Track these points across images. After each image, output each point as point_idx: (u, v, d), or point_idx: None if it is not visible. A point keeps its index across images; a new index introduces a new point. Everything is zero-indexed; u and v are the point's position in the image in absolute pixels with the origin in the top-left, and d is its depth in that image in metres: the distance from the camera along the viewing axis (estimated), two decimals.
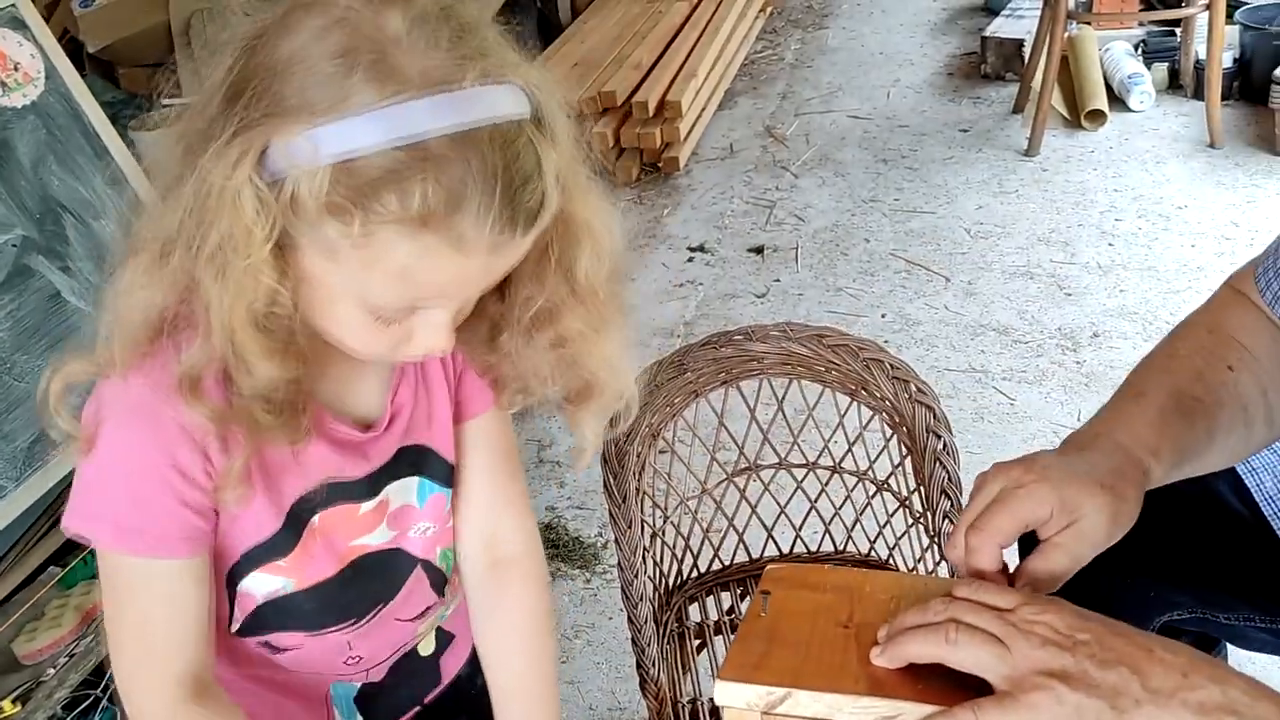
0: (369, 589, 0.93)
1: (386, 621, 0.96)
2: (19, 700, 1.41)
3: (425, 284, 0.72)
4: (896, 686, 0.71)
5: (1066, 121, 3.46)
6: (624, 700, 1.82)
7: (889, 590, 0.81)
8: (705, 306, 2.87)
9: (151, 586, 0.81)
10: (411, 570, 0.95)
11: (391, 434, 0.89)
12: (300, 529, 0.87)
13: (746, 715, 0.74)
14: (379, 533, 0.92)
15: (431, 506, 0.94)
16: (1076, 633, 0.68)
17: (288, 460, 0.83)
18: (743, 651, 0.76)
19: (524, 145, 0.69)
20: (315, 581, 0.90)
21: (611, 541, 2.15)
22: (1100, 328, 2.55)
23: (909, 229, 3.06)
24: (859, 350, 1.40)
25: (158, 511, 0.79)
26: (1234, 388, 0.90)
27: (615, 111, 3.52)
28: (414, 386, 0.91)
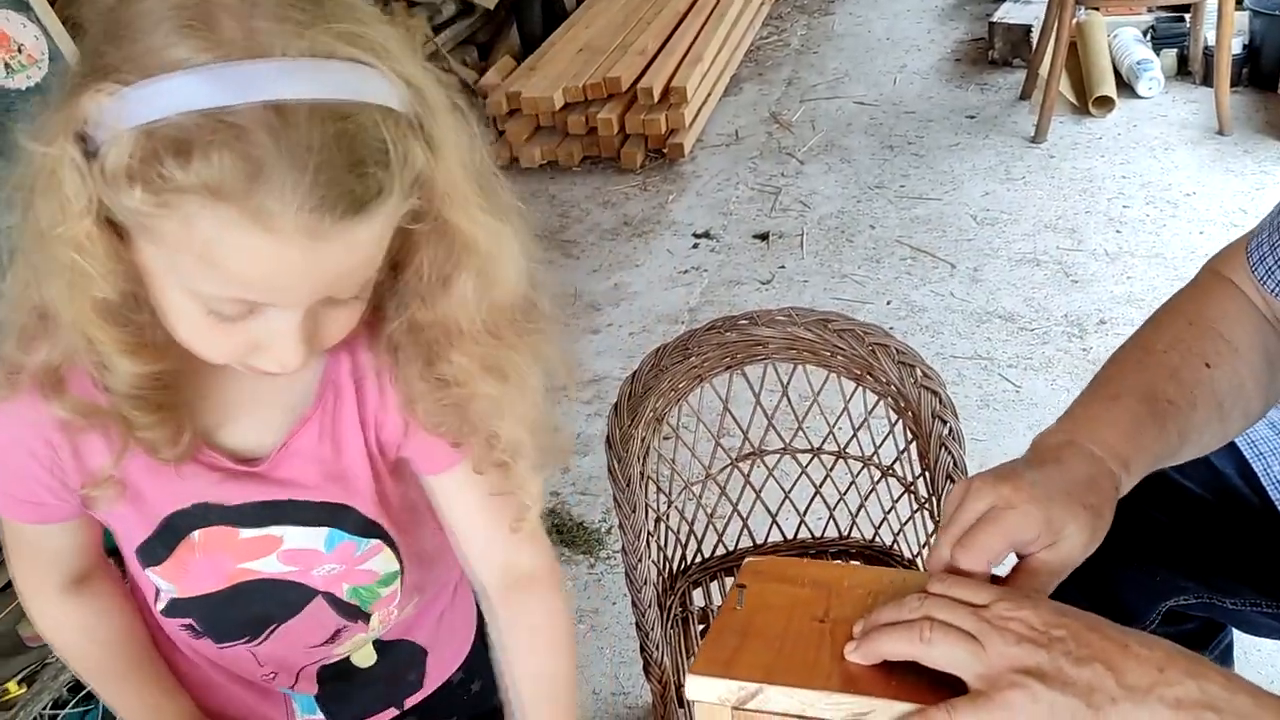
0: (258, 611, 0.91)
1: (288, 643, 0.94)
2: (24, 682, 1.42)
3: (240, 270, 0.65)
4: (870, 683, 0.70)
5: (1074, 108, 3.45)
6: (627, 685, 1.83)
7: (866, 585, 0.80)
8: (710, 293, 2.86)
9: (18, 533, 0.88)
10: (310, 600, 0.92)
11: (279, 477, 0.84)
12: (175, 540, 0.85)
13: (718, 710, 0.73)
14: (269, 562, 0.88)
15: (339, 552, 0.90)
16: (1052, 629, 0.67)
17: (157, 474, 0.81)
18: (716, 646, 0.74)
19: (364, 129, 0.64)
20: (197, 593, 0.89)
21: (615, 527, 2.15)
22: (1107, 315, 2.54)
23: (915, 216, 3.05)
24: (864, 335, 1.40)
25: (6, 478, 0.82)
26: (1210, 386, 0.87)
27: (620, 97, 3.51)
28: (320, 440, 0.84)
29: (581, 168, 3.56)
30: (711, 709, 0.72)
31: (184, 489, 0.83)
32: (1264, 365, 0.91)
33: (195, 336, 0.71)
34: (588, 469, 2.32)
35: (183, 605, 0.90)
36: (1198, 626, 1.16)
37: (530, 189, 3.49)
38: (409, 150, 0.66)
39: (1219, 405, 0.88)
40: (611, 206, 3.34)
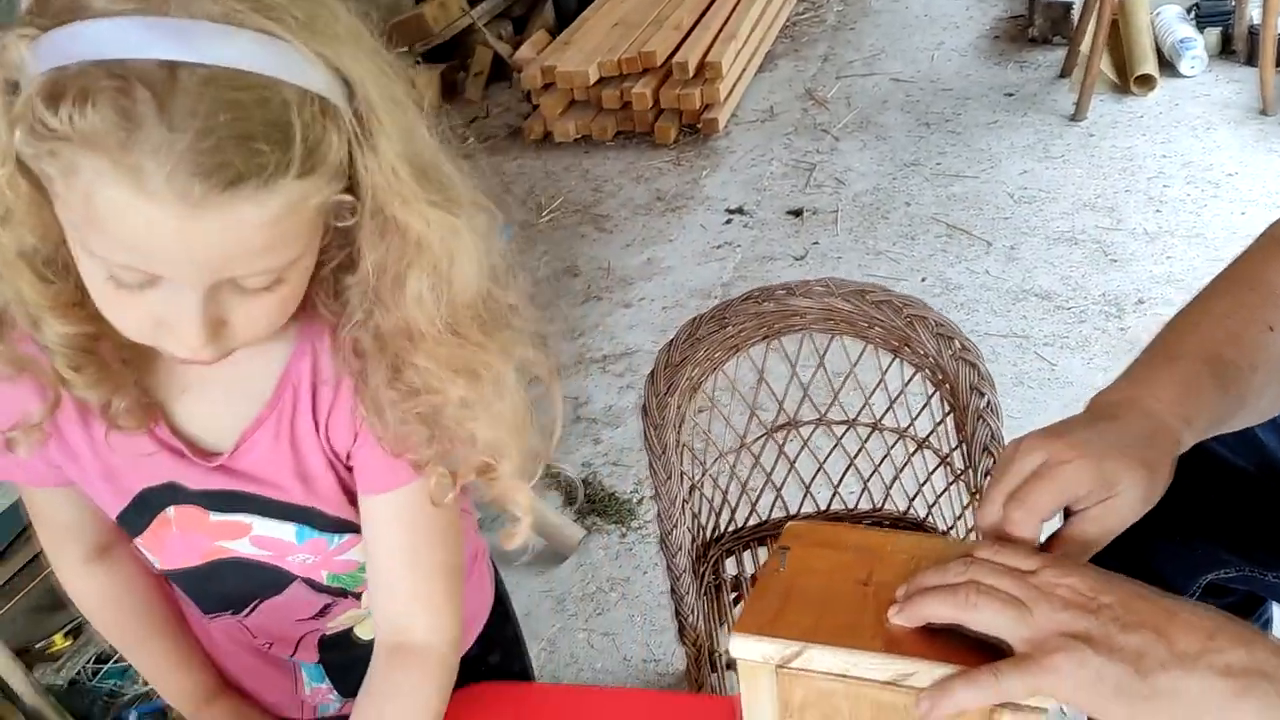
0: (237, 588, 0.92)
1: (276, 617, 0.95)
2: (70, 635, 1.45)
3: (119, 231, 0.63)
4: (913, 645, 0.70)
5: (1115, 86, 3.40)
6: (658, 652, 1.84)
7: (909, 551, 0.80)
8: (743, 268, 2.86)
9: (31, 498, 0.92)
10: (289, 582, 0.92)
11: (240, 470, 0.83)
12: (151, 515, 0.86)
13: (761, 669, 0.73)
14: (243, 545, 0.88)
15: (311, 546, 0.89)
16: (1100, 595, 0.66)
17: (130, 446, 0.81)
18: (759, 606, 0.74)
19: (264, 105, 0.61)
20: (177, 566, 0.91)
21: (646, 498, 2.16)
22: (1146, 294, 2.51)
23: (951, 193, 3.02)
24: (903, 307, 1.39)
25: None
26: (1271, 349, 0.86)
27: (655, 72, 3.50)
28: (276, 441, 0.83)
29: (615, 142, 3.56)
30: (755, 668, 0.73)
31: (153, 467, 0.84)
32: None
33: (103, 303, 0.69)
34: (620, 441, 2.33)
35: (167, 575, 0.93)
36: (1238, 600, 1.15)
37: (564, 164, 3.49)
38: (321, 137, 0.64)
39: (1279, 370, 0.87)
40: (645, 181, 3.34)
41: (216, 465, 0.83)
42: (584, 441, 2.34)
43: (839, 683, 0.71)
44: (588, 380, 2.52)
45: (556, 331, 2.70)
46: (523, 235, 3.06)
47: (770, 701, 0.74)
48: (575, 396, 2.48)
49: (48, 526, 0.94)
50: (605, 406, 2.44)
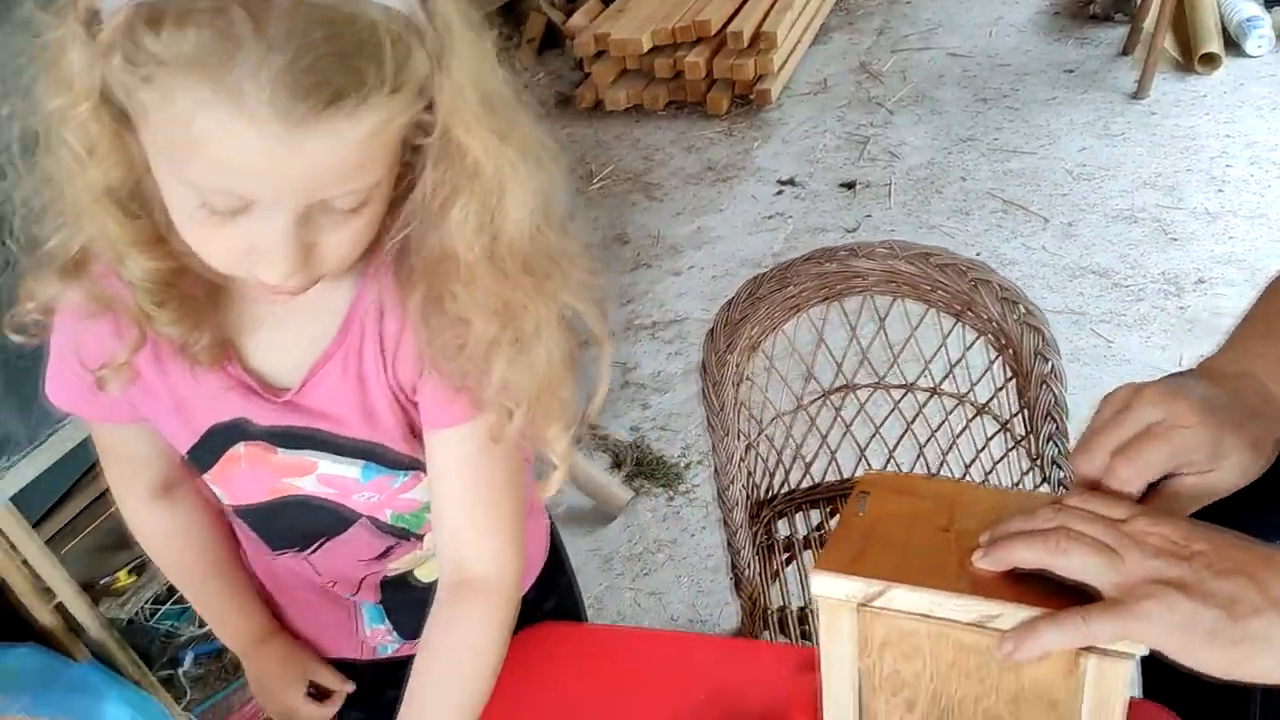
0: (303, 526, 0.93)
1: (339, 556, 0.96)
2: (133, 572, 1.48)
3: (218, 155, 0.63)
4: (999, 588, 0.69)
5: (1178, 65, 3.34)
6: (704, 613, 1.85)
7: (989, 501, 0.79)
8: (793, 239, 2.85)
9: (99, 432, 0.93)
10: (353, 522, 0.93)
11: (307, 407, 0.84)
12: (218, 453, 0.88)
13: (842, 608, 0.73)
14: (309, 483, 0.89)
15: (376, 484, 0.89)
16: (1192, 542, 0.66)
17: (202, 383, 0.82)
18: (840, 546, 0.74)
19: (355, 23, 0.61)
20: (244, 503, 0.92)
21: (694, 462, 2.17)
22: (1206, 274, 2.48)
23: (1007, 169, 2.99)
24: (967, 270, 1.38)
25: (67, 373, 0.85)
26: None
27: (709, 41, 3.48)
28: (344, 376, 0.83)
29: (666, 112, 3.54)
30: (837, 607, 0.73)
31: (223, 402, 0.84)
32: None
33: (192, 234, 0.70)
34: (668, 406, 2.34)
35: (234, 511, 0.94)
36: None
37: (614, 132, 3.49)
38: (408, 55, 0.64)
39: None
40: (696, 151, 3.32)
41: (285, 401, 0.84)
42: (632, 406, 2.35)
43: (921, 623, 0.71)
44: (636, 346, 2.53)
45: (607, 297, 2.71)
46: (573, 202, 3.06)
47: (850, 639, 0.74)
48: (624, 362, 2.48)
49: (116, 462, 0.95)
50: (654, 372, 2.44)
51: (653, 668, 1.04)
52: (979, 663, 0.72)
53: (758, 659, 1.05)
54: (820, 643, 0.76)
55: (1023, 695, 0.72)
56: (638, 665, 1.04)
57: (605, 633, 0.98)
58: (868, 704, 0.78)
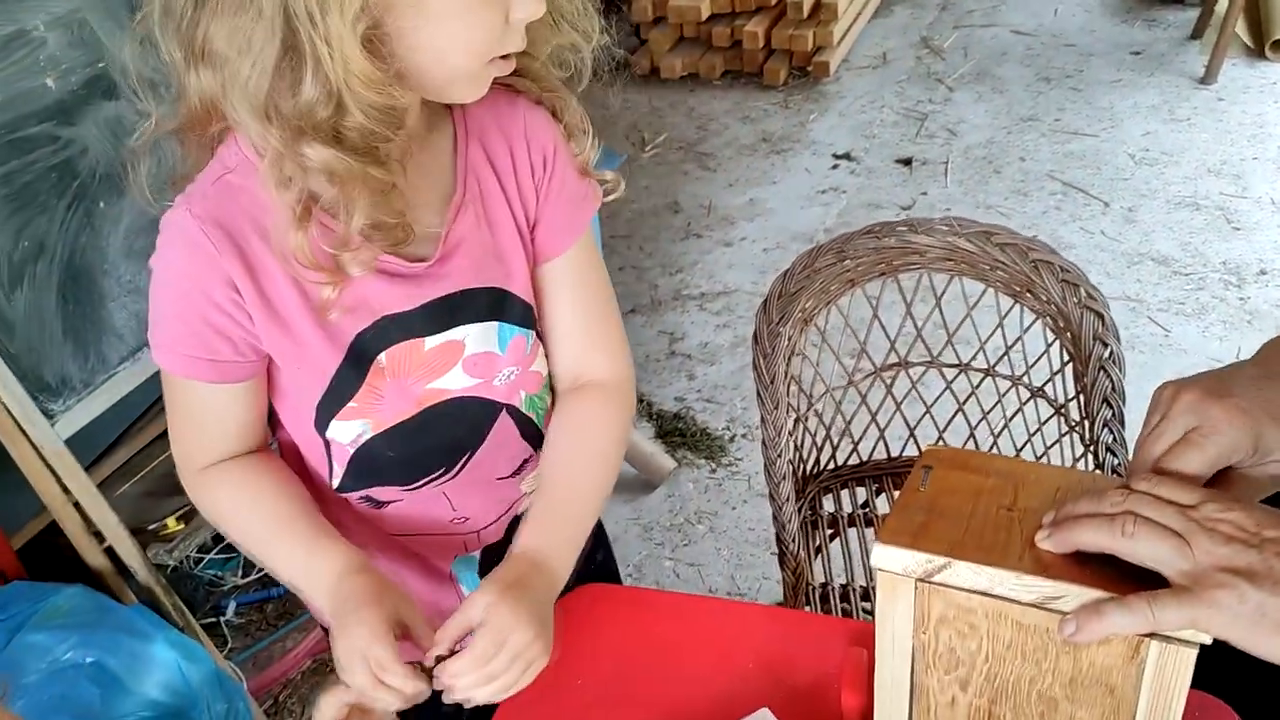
0: (450, 435, 0.92)
1: (482, 476, 0.96)
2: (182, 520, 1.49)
3: None
4: (1062, 569, 0.68)
5: (1249, 50, 3.25)
6: (743, 586, 1.85)
7: (1054, 481, 0.78)
8: (847, 214, 2.82)
9: (187, 399, 0.87)
10: (495, 417, 0.93)
11: (448, 269, 0.86)
12: (365, 367, 0.86)
13: (902, 582, 0.72)
14: (455, 377, 0.89)
15: (513, 350, 0.92)
16: (1265, 530, 0.64)
17: (345, 293, 0.82)
18: (902, 519, 0.74)
19: None
20: (391, 424, 0.89)
21: (739, 435, 2.16)
22: (1269, 265, 2.42)
23: (1068, 151, 2.93)
24: (1028, 250, 1.35)
25: (185, 334, 0.82)
26: None
27: (768, 11, 3.44)
28: (477, 223, 0.87)
29: (723, 81, 3.51)
30: (896, 580, 0.72)
31: (365, 304, 0.84)
32: None
33: (457, 26, 0.74)
34: (714, 378, 2.32)
35: (378, 443, 0.90)
36: None
37: (669, 100, 3.46)
38: None
39: None
40: (751, 122, 3.29)
41: (429, 267, 0.85)
42: (678, 376, 2.34)
43: (980, 600, 0.70)
44: (684, 316, 2.51)
45: (655, 265, 2.70)
46: (625, 169, 3.05)
47: (907, 613, 0.73)
48: (671, 332, 2.47)
49: (194, 430, 0.89)
50: (701, 343, 2.43)
51: (703, 633, 1.03)
52: (1037, 644, 0.71)
53: (808, 630, 1.05)
54: (876, 615, 0.76)
55: (1080, 679, 0.70)
56: (688, 630, 1.04)
57: (655, 596, 0.98)
58: (920, 681, 0.78)
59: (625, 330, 0.99)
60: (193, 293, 0.80)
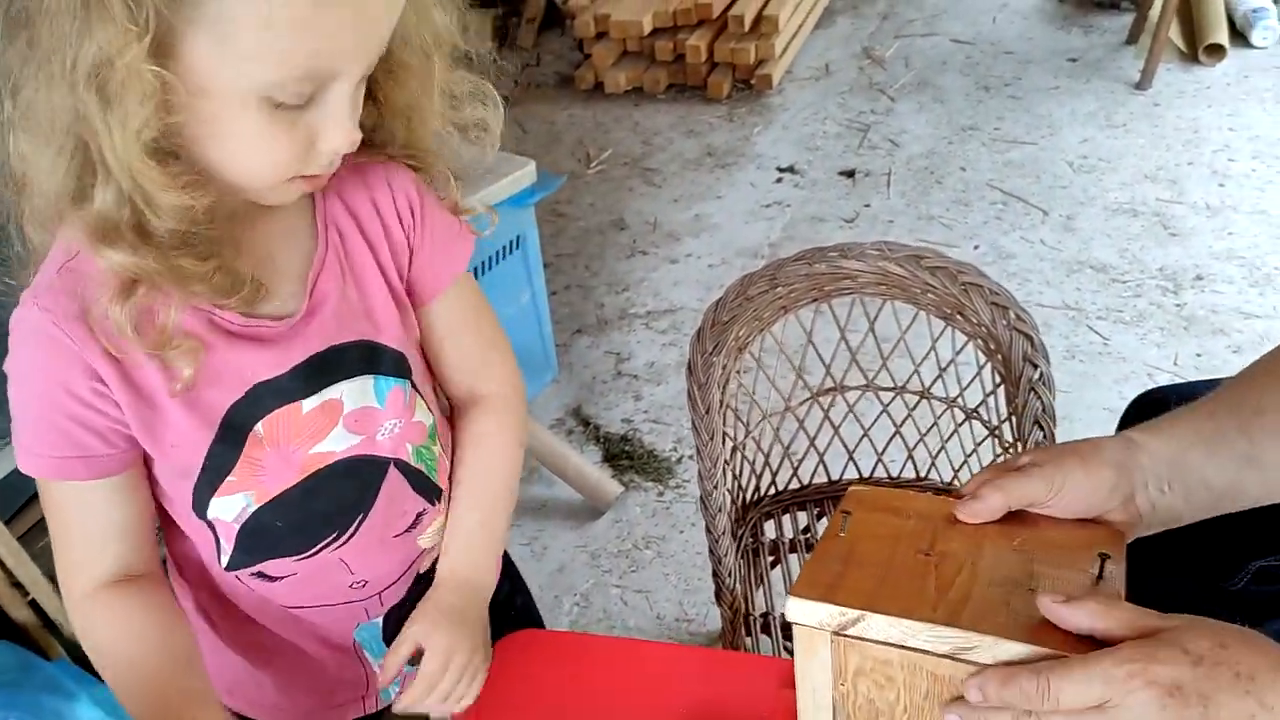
0: (339, 498, 0.90)
1: (377, 537, 0.93)
2: None
3: (327, 32, 0.67)
4: (975, 618, 0.68)
5: (1183, 55, 3.30)
6: (691, 611, 1.84)
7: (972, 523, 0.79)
8: (791, 229, 2.82)
9: (64, 504, 0.82)
10: (384, 473, 0.91)
11: (314, 325, 0.84)
12: (242, 439, 0.83)
13: (817, 636, 0.72)
14: (337, 437, 0.87)
15: (391, 403, 0.90)
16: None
17: (205, 370, 0.79)
18: (818, 570, 0.73)
19: None
20: (275, 494, 0.86)
21: (685, 457, 2.15)
22: (1205, 270, 2.45)
23: (1008, 159, 2.96)
24: (957, 274, 1.36)
25: (51, 434, 0.78)
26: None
27: (710, 24, 3.44)
28: (339, 278, 0.85)
29: (667, 95, 3.51)
30: (811, 634, 0.72)
31: (234, 375, 0.81)
32: None
33: (250, 147, 0.72)
34: (661, 398, 2.32)
35: (265, 514, 0.87)
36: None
37: (614, 115, 3.45)
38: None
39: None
40: (696, 136, 3.29)
41: (295, 324, 0.83)
42: (625, 398, 2.33)
43: (895, 652, 0.69)
44: (631, 336, 2.51)
45: (601, 284, 2.69)
46: (570, 185, 3.04)
47: (824, 666, 0.73)
48: (617, 352, 2.46)
49: (76, 541, 0.83)
50: (648, 363, 2.42)
51: (634, 679, 1.02)
52: (953, 693, 0.70)
53: (741, 671, 1.04)
54: (796, 669, 0.75)
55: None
56: (619, 676, 1.03)
57: (586, 641, 0.97)
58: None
59: (561, 351, 1.03)
60: (54, 391, 0.77)
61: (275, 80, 0.68)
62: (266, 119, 0.70)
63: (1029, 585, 0.72)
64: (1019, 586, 0.71)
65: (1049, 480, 0.77)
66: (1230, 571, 1.10)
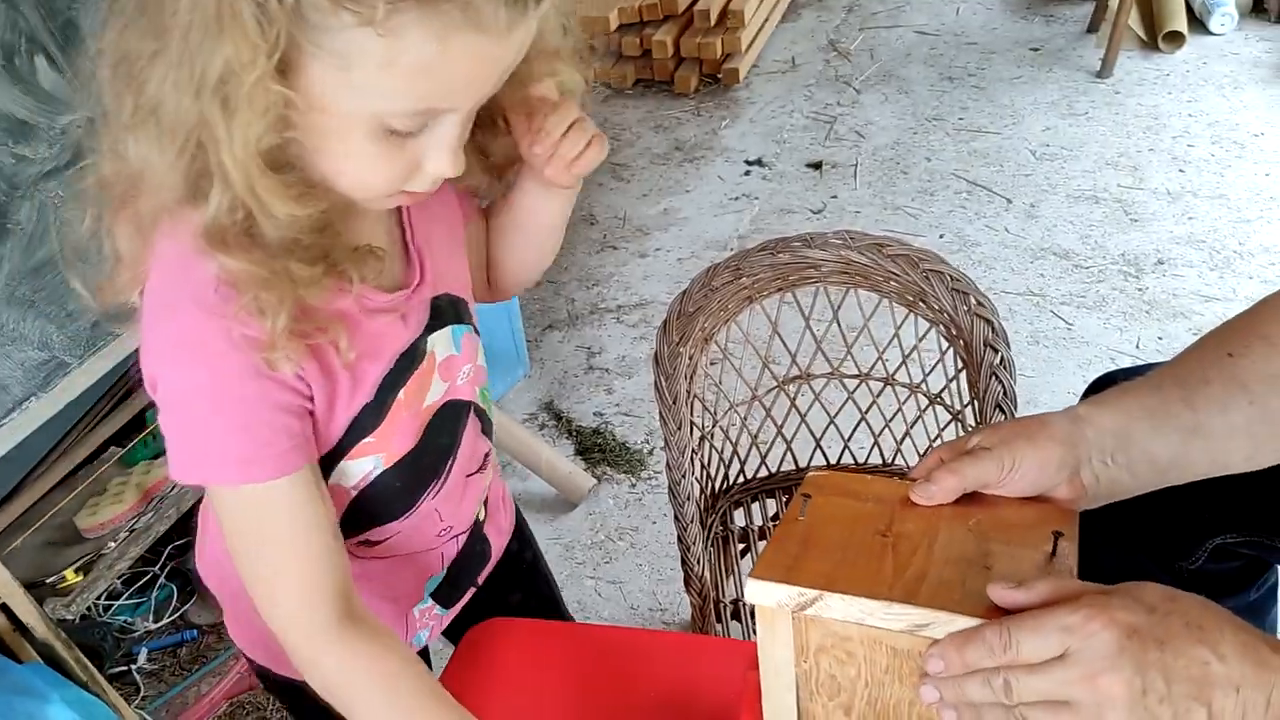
0: (439, 446, 0.94)
1: (459, 479, 0.98)
2: (81, 570, 1.46)
3: (447, 77, 0.69)
4: (930, 596, 0.70)
5: (1143, 43, 3.34)
6: (664, 601, 1.85)
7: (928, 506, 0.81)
8: (760, 221, 2.84)
9: (282, 509, 0.79)
10: (466, 416, 0.97)
11: (423, 290, 0.89)
12: (386, 407, 0.87)
13: (778, 615, 0.73)
14: (436, 388, 0.92)
15: (466, 348, 0.95)
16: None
17: (360, 345, 0.81)
18: (777, 552, 0.75)
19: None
20: (401, 454, 0.90)
21: (657, 448, 2.16)
22: (1166, 255, 2.49)
23: (972, 149, 2.99)
24: (919, 261, 1.38)
25: (263, 430, 0.77)
26: (1229, 369, 0.85)
27: (676, 19, 3.45)
28: (425, 238, 0.90)
29: (635, 90, 3.52)
30: (773, 614, 0.73)
31: (382, 348, 0.85)
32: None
33: (360, 168, 0.74)
34: (632, 391, 2.33)
35: (387, 477, 0.90)
36: (1244, 564, 1.15)
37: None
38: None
39: (1243, 387, 0.84)
40: (663, 131, 3.30)
41: (411, 292, 0.87)
42: (597, 391, 2.34)
43: (855, 628, 0.71)
44: (602, 330, 2.52)
45: (571, 279, 2.70)
46: None
47: (786, 644, 0.74)
48: (589, 346, 2.47)
49: (302, 563, 0.80)
50: (619, 356, 2.44)
51: (605, 665, 1.04)
52: (913, 668, 0.72)
53: (709, 655, 1.05)
54: (759, 647, 0.77)
55: None
56: (589, 663, 1.04)
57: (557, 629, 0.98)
58: (806, 708, 0.79)
59: (533, 347, 1.05)
60: (258, 384, 0.76)
61: (390, 111, 0.70)
62: (378, 142, 0.72)
63: (984, 564, 0.73)
64: (974, 565, 0.73)
65: (1000, 461, 0.79)
66: (1188, 550, 1.12)
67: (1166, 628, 0.62)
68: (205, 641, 1.80)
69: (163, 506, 1.58)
